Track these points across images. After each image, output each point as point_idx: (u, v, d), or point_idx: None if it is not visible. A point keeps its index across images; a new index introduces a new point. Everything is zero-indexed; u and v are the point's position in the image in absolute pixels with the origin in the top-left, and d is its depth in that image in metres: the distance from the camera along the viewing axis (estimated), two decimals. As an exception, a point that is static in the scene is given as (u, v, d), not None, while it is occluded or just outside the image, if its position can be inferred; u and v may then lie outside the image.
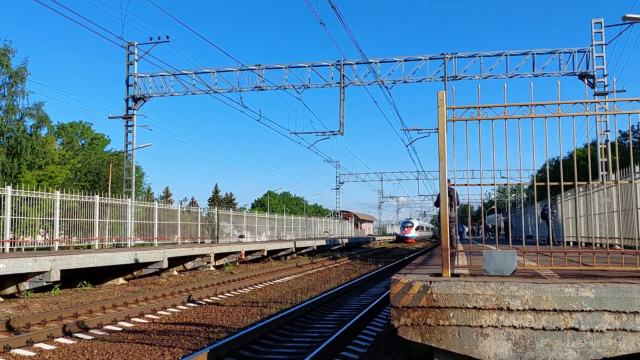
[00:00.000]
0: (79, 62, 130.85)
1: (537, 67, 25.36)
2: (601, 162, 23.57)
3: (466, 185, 6.08)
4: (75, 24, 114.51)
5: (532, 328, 4.49)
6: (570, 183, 5.93)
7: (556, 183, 5.76)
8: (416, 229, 70.49)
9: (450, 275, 5.23)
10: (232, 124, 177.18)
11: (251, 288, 16.06)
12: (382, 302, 12.18)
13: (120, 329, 9.65)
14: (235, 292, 14.95)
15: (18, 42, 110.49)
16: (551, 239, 16.28)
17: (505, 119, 5.44)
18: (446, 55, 26.17)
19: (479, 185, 5.81)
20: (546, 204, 18.63)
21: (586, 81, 24.45)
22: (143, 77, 28.36)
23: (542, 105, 5.41)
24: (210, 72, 28.15)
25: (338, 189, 64.17)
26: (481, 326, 4.59)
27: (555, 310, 4.46)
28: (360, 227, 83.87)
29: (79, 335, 8.99)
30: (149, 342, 8.47)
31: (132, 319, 10.46)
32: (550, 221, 17.56)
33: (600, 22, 24.29)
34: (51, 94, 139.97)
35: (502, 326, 4.55)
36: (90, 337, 8.87)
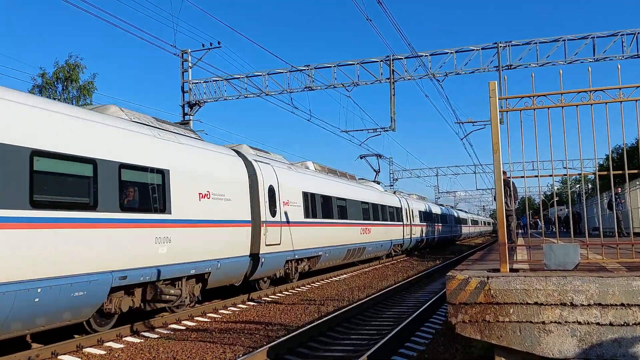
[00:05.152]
0: (133, 70, 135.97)
1: (598, 51, 24.14)
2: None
3: (523, 177, 5.91)
4: (129, 34, 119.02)
5: (598, 324, 4.31)
6: (636, 171, 5.65)
7: (620, 172, 5.50)
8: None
9: (508, 270, 5.10)
10: (283, 124, 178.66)
11: (308, 286, 16.20)
12: (440, 300, 12.00)
13: (184, 327, 9.99)
14: (293, 290, 15.13)
15: (86, 57, 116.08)
16: (617, 230, 15.51)
17: (562, 106, 5.25)
18: (500, 44, 25.35)
19: (537, 177, 5.62)
20: (612, 195, 17.76)
21: (652, 63, 23.09)
22: (197, 83, 29.17)
23: (601, 90, 5.17)
24: (261, 74, 28.55)
25: (392, 185, 63.50)
26: (543, 322, 4.45)
27: (622, 304, 4.27)
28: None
29: (146, 334, 9.37)
30: (210, 340, 8.73)
31: (195, 318, 10.81)
32: (616, 212, 16.73)
33: (666, 0, 22.89)
34: (109, 102, 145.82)
35: (565, 322, 4.40)
36: (156, 336, 9.23)
